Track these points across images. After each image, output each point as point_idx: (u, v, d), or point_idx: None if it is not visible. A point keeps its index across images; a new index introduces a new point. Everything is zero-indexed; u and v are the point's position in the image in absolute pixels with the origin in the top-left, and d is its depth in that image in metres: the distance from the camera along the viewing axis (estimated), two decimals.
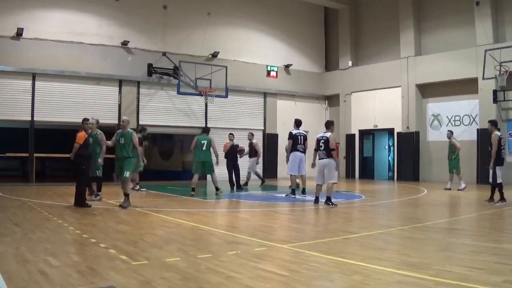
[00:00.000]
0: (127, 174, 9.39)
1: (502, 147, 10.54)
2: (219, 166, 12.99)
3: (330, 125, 10.25)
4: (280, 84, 21.55)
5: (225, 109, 19.71)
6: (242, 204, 11.33)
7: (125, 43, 17.57)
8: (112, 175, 14.10)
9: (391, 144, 21.01)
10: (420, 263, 4.72)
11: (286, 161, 12.24)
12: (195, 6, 19.30)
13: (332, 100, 23.09)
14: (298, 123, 12.12)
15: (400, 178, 19.63)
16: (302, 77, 22.30)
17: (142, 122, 17.30)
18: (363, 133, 21.75)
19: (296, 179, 12.30)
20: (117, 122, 15.72)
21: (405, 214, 9.37)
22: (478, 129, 17.15)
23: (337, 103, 22.56)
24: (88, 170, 9.71)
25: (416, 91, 19.33)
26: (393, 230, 7.05)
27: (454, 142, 14.80)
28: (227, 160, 14.29)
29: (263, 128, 20.97)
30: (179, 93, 17.48)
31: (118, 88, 17.55)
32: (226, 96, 18.34)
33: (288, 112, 20.14)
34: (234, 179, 14.12)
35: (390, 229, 7.15)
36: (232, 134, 14.73)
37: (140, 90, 18.06)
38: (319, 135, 10.17)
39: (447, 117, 18.64)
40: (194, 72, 17.54)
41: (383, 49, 20.92)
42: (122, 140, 9.49)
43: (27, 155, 16.18)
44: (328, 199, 9.81)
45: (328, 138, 9.85)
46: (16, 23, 15.54)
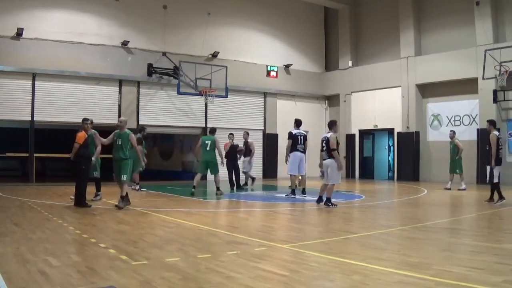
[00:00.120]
0: (125, 178, 9.24)
1: (500, 147, 10.56)
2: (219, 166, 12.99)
3: (332, 125, 10.23)
4: (280, 84, 21.55)
5: (225, 109, 19.70)
6: (242, 204, 11.32)
7: (125, 43, 17.57)
8: (112, 175, 14.05)
9: (391, 144, 21.01)
10: (420, 263, 4.72)
11: (286, 161, 12.23)
12: (195, 6, 19.29)
13: (332, 100, 23.09)
14: (298, 123, 12.11)
15: (400, 178, 19.63)
16: (302, 77, 22.29)
17: (142, 122, 17.29)
18: (363, 133, 21.75)
19: (296, 180, 12.28)
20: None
21: (405, 214, 9.37)
22: (478, 129, 17.14)
23: (337, 103, 22.56)
24: (88, 170, 9.68)
25: (416, 91, 19.33)
26: (393, 230, 7.05)
27: (457, 143, 14.72)
28: (227, 160, 14.28)
29: (263, 128, 20.97)
30: (179, 93, 17.46)
31: (118, 88, 17.55)
32: (226, 96, 18.34)
33: (288, 112, 20.13)
34: (234, 179, 14.14)
35: (390, 229, 7.15)
36: (232, 134, 14.72)
37: (140, 90, 18.06)
38: (323, 136, 10.19)
39: (447, 117, 18.64)
40: (194, 72, 17.53)
41: (383, 49, 20.92)
42: (119, 141, 9.33)
43: (27, 155, 16.18)
44: (328, 200, 9.80)
45: (329, 139, 9.85)
46: (16, 23, 15.54)
